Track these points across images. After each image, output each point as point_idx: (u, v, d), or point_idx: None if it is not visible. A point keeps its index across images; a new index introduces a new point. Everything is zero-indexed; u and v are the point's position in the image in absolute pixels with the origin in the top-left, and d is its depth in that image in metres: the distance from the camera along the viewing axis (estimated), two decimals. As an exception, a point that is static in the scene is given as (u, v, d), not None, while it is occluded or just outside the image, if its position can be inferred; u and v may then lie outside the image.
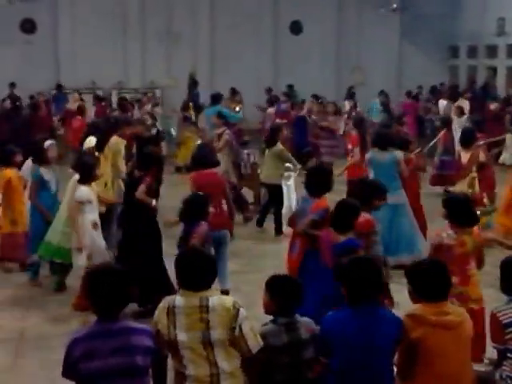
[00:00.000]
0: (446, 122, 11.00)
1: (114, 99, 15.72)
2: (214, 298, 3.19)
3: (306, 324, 3.40)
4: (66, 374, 2.98)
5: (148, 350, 3.00)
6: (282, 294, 3.38)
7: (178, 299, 3.21)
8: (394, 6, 15.59)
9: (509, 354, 3.55)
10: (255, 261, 7.32)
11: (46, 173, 6.70)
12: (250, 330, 3.19)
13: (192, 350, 3.14)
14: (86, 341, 2.94)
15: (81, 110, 12.09)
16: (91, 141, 8.15)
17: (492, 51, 16.82)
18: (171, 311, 3.18)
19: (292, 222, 5.41)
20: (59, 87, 15.95)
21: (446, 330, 3.26)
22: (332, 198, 10.23)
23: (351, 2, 17.88)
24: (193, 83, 16.45)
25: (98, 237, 5.97)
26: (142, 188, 5.84)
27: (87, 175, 6.00)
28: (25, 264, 6.94)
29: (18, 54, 16.47)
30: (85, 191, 5.93)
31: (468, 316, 3.44)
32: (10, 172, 6.83)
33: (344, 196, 8.32)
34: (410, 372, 3.30)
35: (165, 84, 17.03)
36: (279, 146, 8.50)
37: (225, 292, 5.59)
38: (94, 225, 5.93)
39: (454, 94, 14.46)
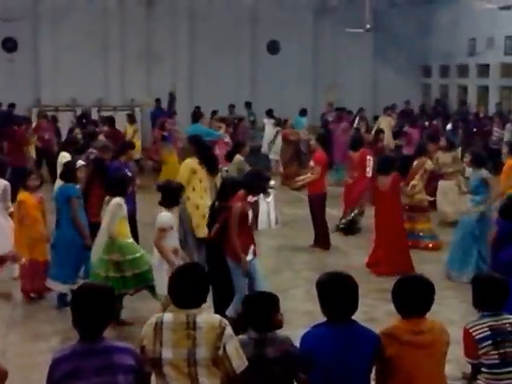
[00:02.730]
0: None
1: (95, 116, 15.85)
2: (202, 316, 3.14)
3: (280, 342, 3.36)
4: None
5: (130, 368, 2.99)
6: (253, 311, 3.42)
7: (167, 315, 3.17)
8: (368, 26, 15.96)
9: (483, 369, 3.61)
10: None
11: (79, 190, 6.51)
12: (235, 350, 3.12)
13: (175, 367, 3.10)
14: (68, 360, 2.93)
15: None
16: (65, 157, 8.22)
17: (463, 71, 17.29)
18: (158, 327, 3.14)
19: None
20: (12, 106, 15.50)
21: (417, 348, 3.29)
22: (298, 213, 10.52)
23: (326, 22, 18.20)
24: (171, 102, 16.67)
25: (179, 263, 5.62)
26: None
27: (171, 200, 5.76)
28: (42, 294, 6.72)
29: (0, 72, 16.54)
30: (167, 217, 5.68)
31: (445, 331, 3.45)
32: (24, 195, 6.66)
33: (308, 210, 8.79)
34: None
35: (144, 102, 17.20)
36: (238, 158, 8.70)
37: None
38: (175, 251, 5.72)
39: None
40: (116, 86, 17.39)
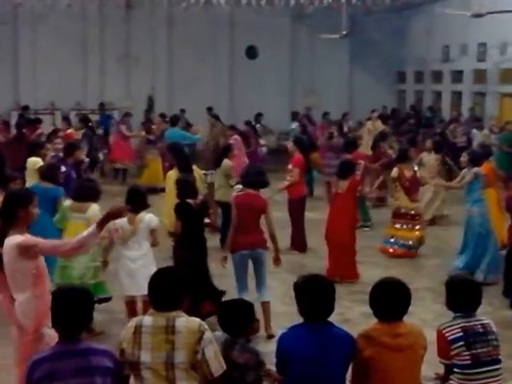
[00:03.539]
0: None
1: (74, 120, 15.72)
2: (181, 320, 3.15)
3: (247, 351, 3.45)
4: None
5: (108, 370, 3.00)
6: (227, 316, 3.55)
7: (147, 319, 3.18)
8: (344, 32, 16.16)
9: (455, 369, 3.65)
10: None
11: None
12: (214, 354, 3.14)
13: (153, 370, 3.11)
14: (47, 362, 2.94)
15: None
16: (35, 162, 8.03)
17: (437, 77, 17.61)
18: (138, 330, 3.15)
19: None
20: (25, 109, 15.55)
21: (394, 351, 3.34)
22: (277, 216, 10.60)
23: (304, 27, 18.40)
24: (150, 105, 16.67)
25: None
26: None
27: (142, 204, 5.86)
28: None
29: (-21, 76, 16.49)
30: (156, 218, 5.90)
31: (422, 334, 3.51)
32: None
33: (287, 213, 8.90)
34: None
35: (123, 105, 17.19)
36: (226, 162, 8.76)
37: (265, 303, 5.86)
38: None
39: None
40: (95, 89, 17.39)
